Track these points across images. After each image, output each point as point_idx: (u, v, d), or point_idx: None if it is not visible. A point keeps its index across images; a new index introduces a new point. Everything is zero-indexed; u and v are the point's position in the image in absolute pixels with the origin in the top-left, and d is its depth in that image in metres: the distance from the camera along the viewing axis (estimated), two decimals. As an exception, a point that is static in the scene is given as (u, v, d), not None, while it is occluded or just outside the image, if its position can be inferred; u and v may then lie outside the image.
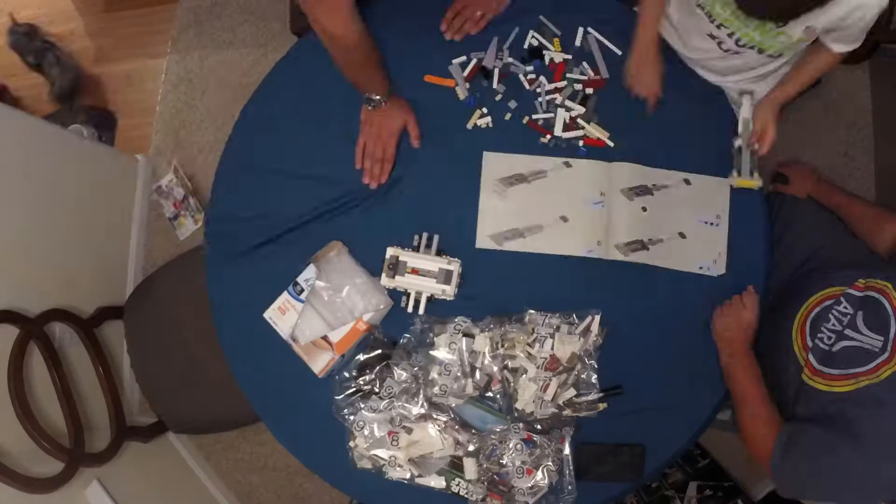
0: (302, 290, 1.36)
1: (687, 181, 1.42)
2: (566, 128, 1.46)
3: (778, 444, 1.15)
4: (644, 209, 1.40)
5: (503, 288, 1.40)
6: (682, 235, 1.41)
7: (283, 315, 1.36)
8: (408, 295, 1.38)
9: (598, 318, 1.34)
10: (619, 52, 1.48)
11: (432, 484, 1.31)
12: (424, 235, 1.40)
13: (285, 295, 1.38)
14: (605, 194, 1.42)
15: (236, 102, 2.47)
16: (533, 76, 1.49)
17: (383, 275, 1.36)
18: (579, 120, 1.46)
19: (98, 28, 2.76)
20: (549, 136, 1.46)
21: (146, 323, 1.87)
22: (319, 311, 1.36)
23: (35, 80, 2.61)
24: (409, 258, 1.36)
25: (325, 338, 1.34)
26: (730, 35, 1.28)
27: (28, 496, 1.52)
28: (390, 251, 1.37)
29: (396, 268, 1.35)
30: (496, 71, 1.49)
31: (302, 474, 2.25)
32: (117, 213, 2.38)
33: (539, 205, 1.43)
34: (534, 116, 1.47)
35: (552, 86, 1.48)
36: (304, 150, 1.52)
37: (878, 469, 1.05)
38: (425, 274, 1.35)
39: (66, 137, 2.19)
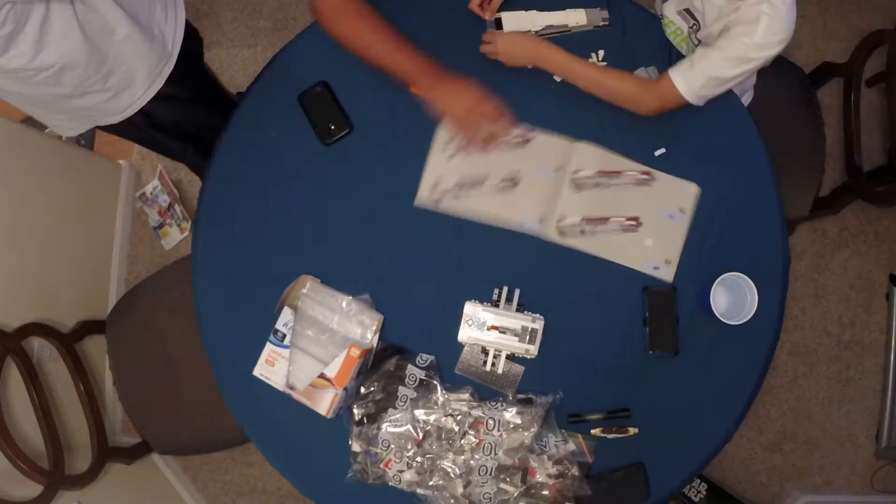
0: (284, 336, 1.34)
1: (649, 174, 1.36)
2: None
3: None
4: (597, 188, 1.35)
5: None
6: (636, 221, 1.35)
7: (272, 367, 1.34)
8: (486, 353, 1.33)
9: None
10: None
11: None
12: (505, 289, 1.34)
13: (269, 346, 1.35)
14: (561, 170, 1.36)
15: (226, 105, 2.48)
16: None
17: (461, 331, 1.31)
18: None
19: (79, 28, 2.68)
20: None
21: (130, 338, 1.82)
22: (308, 351, 1.32)
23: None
24: (490, 316, 1.31)
25: (321, 375, 1.31)
26: None
27: (4, 521, 1.47)
28: (469, 307, 1.31)
29: (473, 324, 1.31)
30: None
31: (294, 497, 2.21)
32: (99, 221, 2.32)
33: (487, 163, 1.37)
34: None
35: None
36: (299, 158, 1.46)
37: None
38: (505, 331, 1.30)
39: (43, 141, 2.11)
